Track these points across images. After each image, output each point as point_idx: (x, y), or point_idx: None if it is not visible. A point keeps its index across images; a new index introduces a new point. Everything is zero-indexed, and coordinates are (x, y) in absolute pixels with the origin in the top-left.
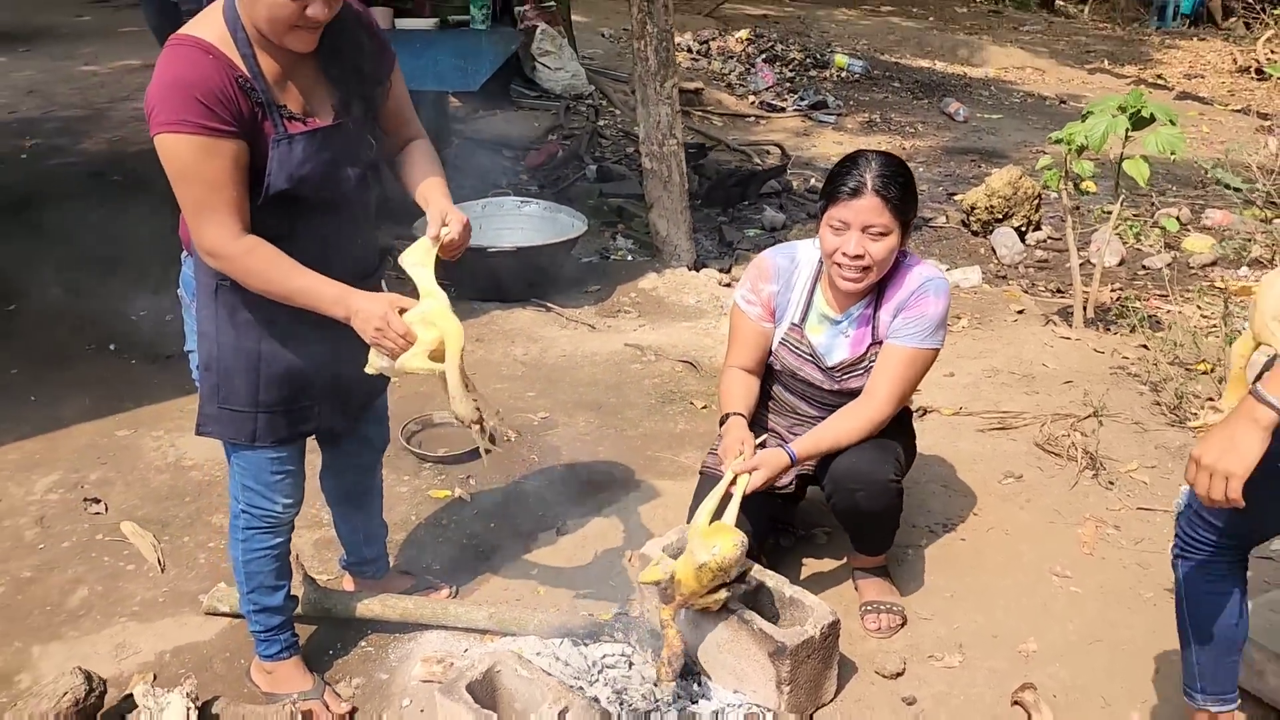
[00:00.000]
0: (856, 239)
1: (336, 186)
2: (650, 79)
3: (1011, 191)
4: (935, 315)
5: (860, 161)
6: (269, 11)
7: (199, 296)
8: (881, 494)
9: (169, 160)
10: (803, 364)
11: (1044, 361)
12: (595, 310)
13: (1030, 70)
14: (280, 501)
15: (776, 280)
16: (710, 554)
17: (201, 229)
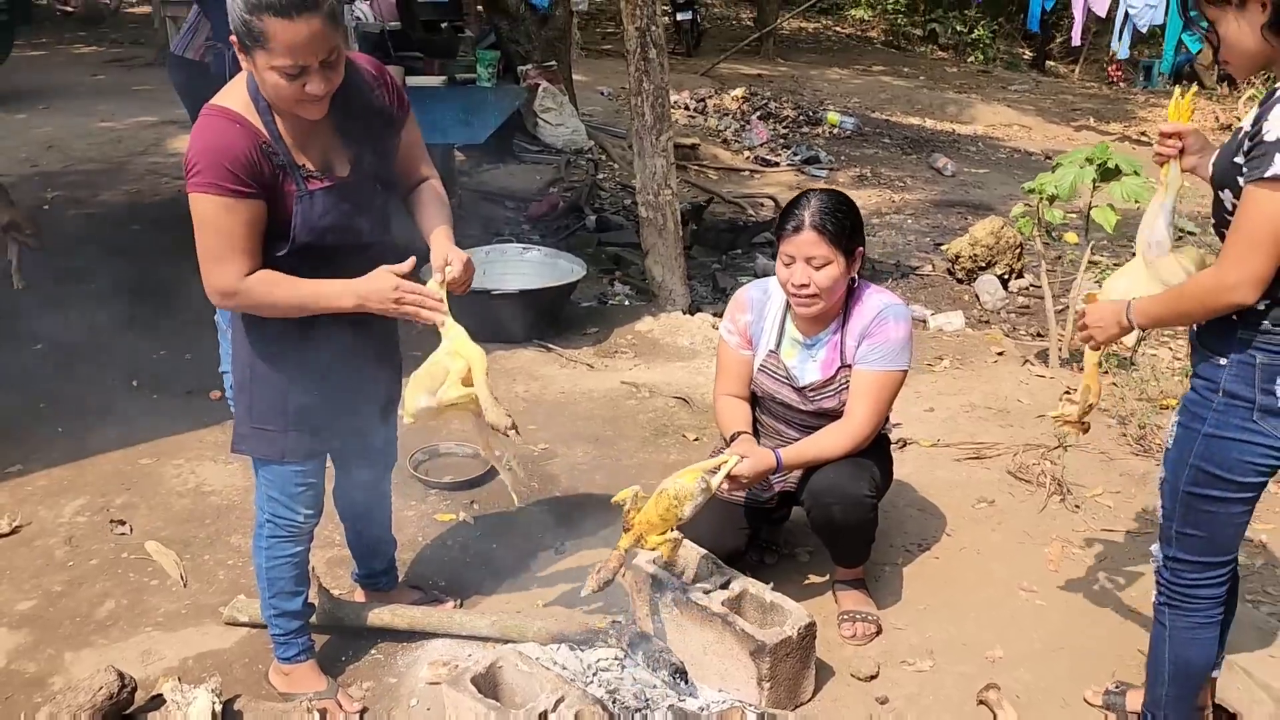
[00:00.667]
0: (801, 270)
1: (355, 234)
2: (646, 133)
3: (994, 241)
4: (898, 339)
5: (803, 201)
6: (274, 92)
7: (234, 324)
8: (855, 508)
9: (196, 213)
10: (779, 387)
11: (1019, 397)
12: (594, 351)
13: (1017, 127)
14: (302, 512)
15: (751, 311)
16: (672, 483)
17: (211, 273)
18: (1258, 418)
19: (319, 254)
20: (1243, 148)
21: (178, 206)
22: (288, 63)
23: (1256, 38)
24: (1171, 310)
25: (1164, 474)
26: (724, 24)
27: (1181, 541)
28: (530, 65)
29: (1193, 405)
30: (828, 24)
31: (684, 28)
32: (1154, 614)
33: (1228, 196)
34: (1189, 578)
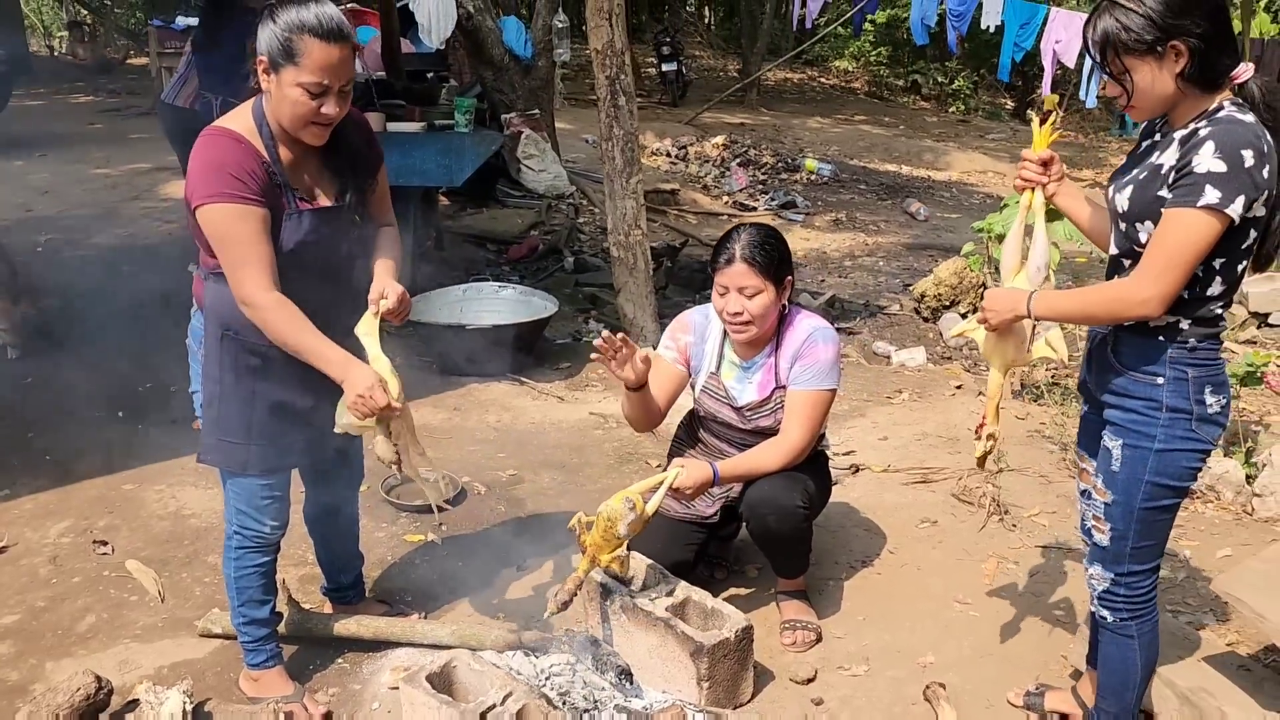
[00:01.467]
0: (735, 299)
1: (334, 256)
2: (617, 175)
3: (957, 280)
4: (827, 359)
5: (734, 235)
6: (293, 109)
7: (207, 344)
8: (789, 517)
9: (210, 227)
10: (720, 406)
11: (969, 426)
12: (565, 384)
13: (991, 174)
14: (268, 524)
15: (692, 333)
16: (605, 505)
17: (241, 282)
18: (1195, 426)
19: (300, 275)
20: (1166, 181)
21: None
22: (315, 80)
23: (1171, 84)
24: (1075, 307)
25: (1110, 498)
26: (710, 75)
27: (1136, 555)
28: (514, 113)
29: (1136, 425)
30: (812, 75)
31: (669, 78)
32: (1112, 632)
33: (1146, 228)
34: (1145, 585)
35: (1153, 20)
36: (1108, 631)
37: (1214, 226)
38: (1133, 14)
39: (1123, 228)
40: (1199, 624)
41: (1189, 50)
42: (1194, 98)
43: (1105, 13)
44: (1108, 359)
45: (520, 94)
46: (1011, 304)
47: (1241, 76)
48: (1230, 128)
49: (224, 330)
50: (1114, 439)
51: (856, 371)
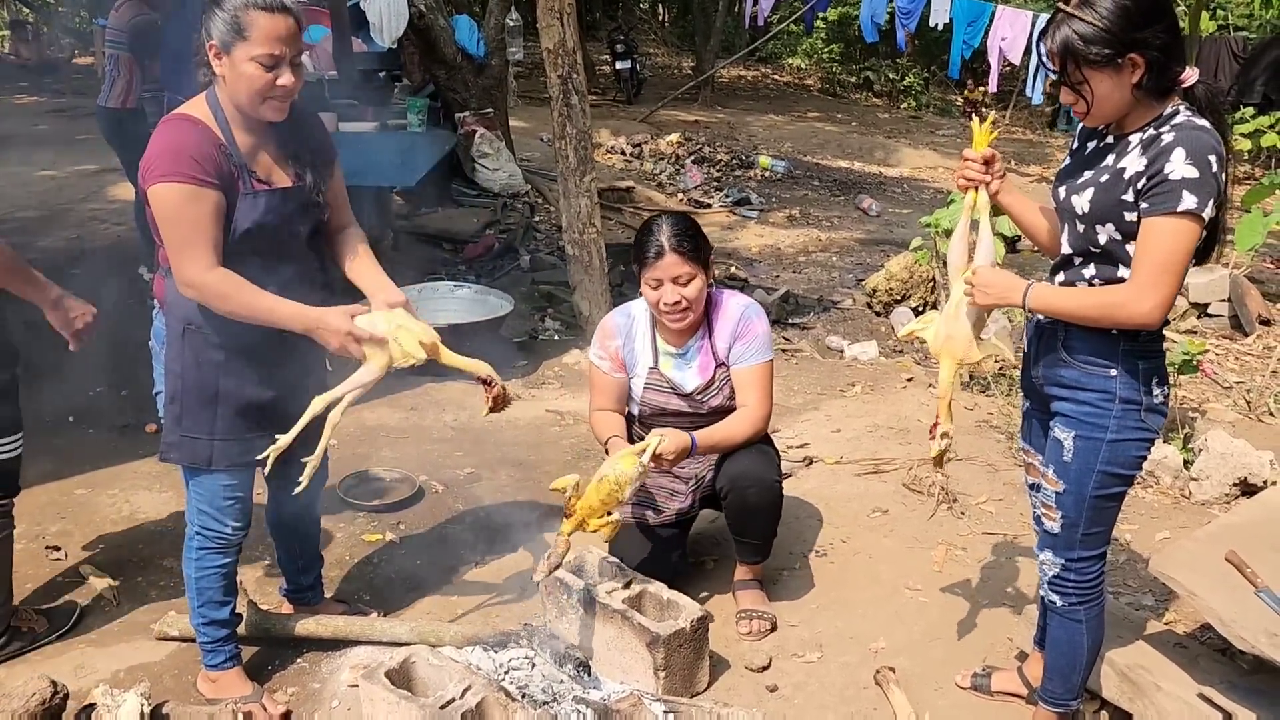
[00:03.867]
0: (671, 290)
1: (291, 238)
2: (571, 174)
3: (908, 275)
4: (764, 332)
5: (654, 228)
6: (249, 85)
7: (169, 339)
8: (768, 491)
9: (161, 205)
10: (667, 398)
11: (919, 417)
12: (522, 383)
13: (941, 169)
14: (230, 524)
15: (619, 336)
16: (611, 468)
17: (183, 263)
18: (1144, 416)
19: (256, 251)
20: (1134, 186)
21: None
22: (267, 51)
23: (1127, 93)
24: (1070, 307)
25: (1062, 488)
26: (664, 72)
27: (1086, 541)
28: (467, 112)
29: (1089, 417)
30: (766, 72)
31: (623, 76)
32: (1061, 616)
33: (1107, 230)
34: (1094, 570)
35: (1113, 34)
36: (1057, 615)
37: (1195, 230)
38: (1092, 27)
39: (1080, 229)
40: (1138, 604)
41: (1146, 62)
42: (1147, 104)
43: (1064, 24)
44: (1057, 353)
45: (474, 93)
46: (1006, 289)
47: (1188, 80)
48: (1195, 134)
49: (185, 325)
50: (1065, 431)
51: (810, 366)
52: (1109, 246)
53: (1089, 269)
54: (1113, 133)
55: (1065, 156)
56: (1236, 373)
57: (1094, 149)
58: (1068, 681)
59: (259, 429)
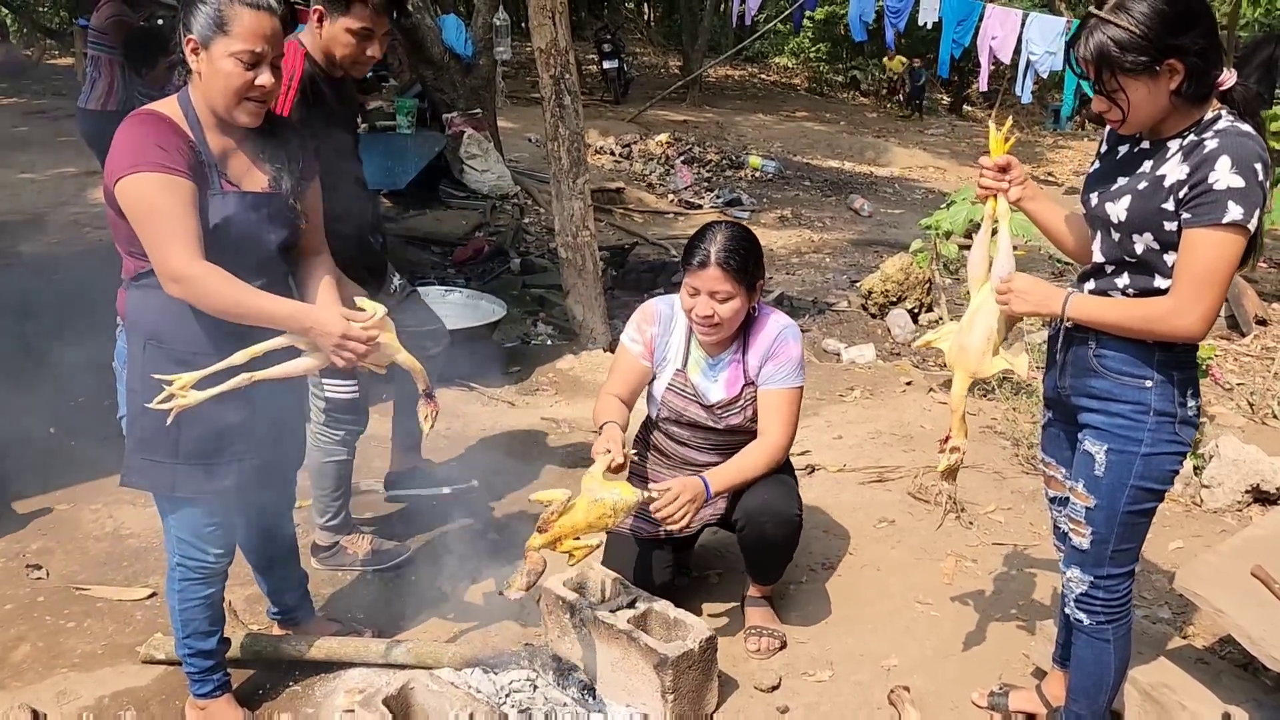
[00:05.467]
0: (705, 303)
1: (261, 247)
2: (564, 176)
3: (904, 277)
4: (797, 357)
5: (708, 235)
6: (226, 82)
7: (129, 357)
8: (786, 525)
9: (133, 200)
10: (688, 404)
11: (922, 424)
12: (515, 389)
13: (932, 169)
14: (212, 552)
15: (658, 324)
16: (610, 494)
17: (167, 256)
18: (1178, 428)
19: (223, 256)
20: (1175, 194)
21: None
22: (248, 48)
23: (1166, 101)
24: (1110, 318)
25: (1093, 503)
26: (652, 72)
27: (1116, 558)
28: (455, 113)
29: (1122, 430)
30: (753, 72)
31: (611, 76)
32: (1088, 635)
33: (1144, 239)
34: (1123, 588)
35: (1149, 40)
36: (1083, 634)
37: (1240, 242)
38: (1128, 33)
39: (1115, 237)
40: (1155, 618)
41: (1185, 68)
42: (1184, 110)
43: (1097, 30)
44: (1089, 364)
45: (461, 93)
46: (1045, 297)
47: (1226, 84)
48: (1240, 140)
49: (146, 340)
50: (1097, 444)
51: (808, 370)
52: (1146, 256)
53: (1122, 278)
54: (1148, 137)
55: (1094, 160)
56: (1237, 374)
57: (1127, 154)
58: (1094, 703)
59: (228, 452)
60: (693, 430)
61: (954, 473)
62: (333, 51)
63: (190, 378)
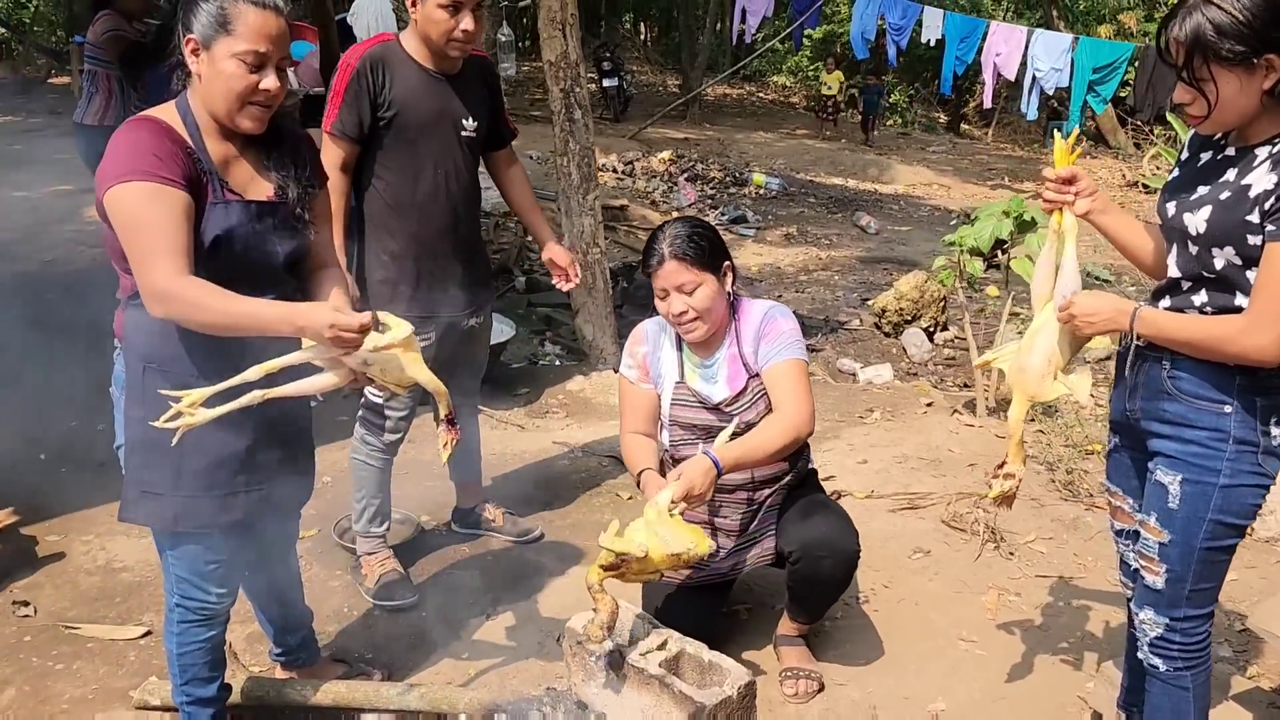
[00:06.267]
0: (676, 299)
1: (266, 259)
2: (574, 192)
3: (919, 295)
4: (790, 329)
5: (659, 235)
6: (228, 85)
7: (128, 382)
8: (846, 562)
9: (120, 211)
10: (696, 413)
11: (950, 447)
12: (524, 412)
13: (936, 186)
14: (214, 592)
15: (647, 342)
16: (685, 544)
17: (150, 272)
18: (1261, 459)
19: (225, 269)
20: (1261, 206)
21: (96, 275)
22: (252, 48)
23: (1255, 99)
24: (1181, 335)
25: (1166, 538)
26: (650, 90)
27: (1194, 598)
28: None
29: (1198, 459)
30: (751, 90)
31: (610, 94)
32: (1164, 682)
33: (1225, 254)
34: (1202, 630)
35: (1252, 29)
36: (1159, 681)
37: None
38: (1230, 18)
39: (1193, 251)
40: (1216, 656)
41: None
42: (1275, 113)
43: (1196, 10)
44: (1162, 386)
45: None
46: (1115, 313)
47: None
48: None
49: (145, 364)
50: (1170, 473)
51: (824, 390)
52: (1226, 272)
53: (1200, 295)
54: (1234, 144)
55: (1173, 168)
56: None
57: (1210, 161)
58: None
59: (233, 484)
60: (708, 437)
61: (1009, 500)
62: (430, 35)
63: (199, 394)
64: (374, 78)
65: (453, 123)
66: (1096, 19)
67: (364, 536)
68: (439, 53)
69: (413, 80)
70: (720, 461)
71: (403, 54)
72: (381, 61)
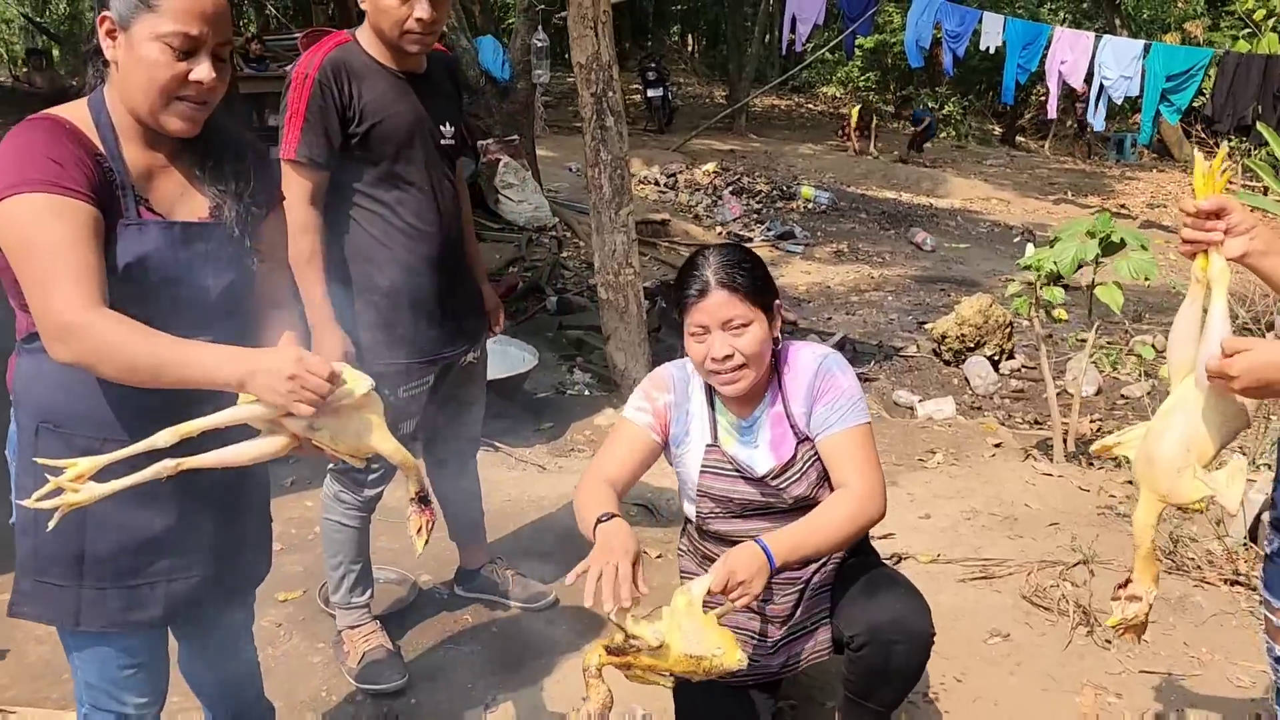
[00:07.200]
0: (720, 339)
1: (193, 294)
2: (605, 206)
3: (982, 320)
4: (850, 388)
5: (699, 261)
6: (150, 75)
7: (19, 445)
8: (921, 650)
9: (9, 230)
10: (734, 484)
11: (1026, 501)
12: (547, 449)
13: (995, 200)
14: (132, 702)
15: (672, 390)
16: (711, 650)
17: (49, 302)
18: None
19: (137, 303)
20: None
21: None
22: (181, 29)
23: None
24: None
25: None
26: (696, 102)
27: None
28: (491, 139)
29: None
30: (799, 101)
31: (655, 104)
32: None
33: None
34: None
35: None
36: None
37: None
38: None
39: None
40: None
41: None
42: None
43: None
44: None
45: (498, 119)
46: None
47: None
48: None
49: (39, 422)
50: None
51: (880, 427)
52: None
53: None
54: None
55: None
56: None
57: None
58: None
59: (151, 571)
60: (748, 516)
61: (1138, 630)
62: (380, 27)
63: (90, 464)
64: (338, 87)
65: (430, 131)
66: (1162, 27)
67: (344, 608)
68: (395, 48)
69: (380, 85)
70: (775, 554)
71: (363, 55)
72: (344, 67)
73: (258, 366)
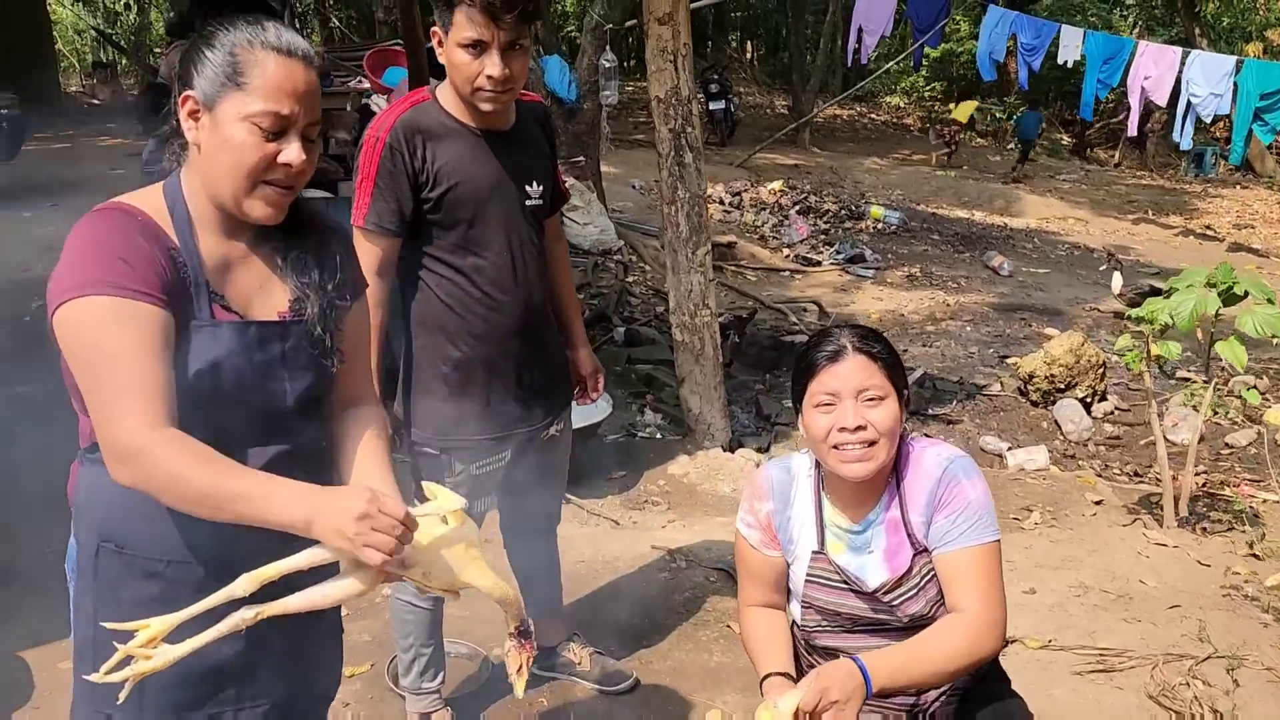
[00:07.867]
0: (853, 409)
1: (267, 401)
2: (682, 245)
3: (1074, 360)
4: (981, 500)
5: (833, 331)
6: (237, 158)
7: (79, 564)
8: None
9: (73, 336)
10: (842, 597)
11: (1141, 577)
12: (620, 501)
13: (1072, 220)
14: None
15: (772, 497)
16: None
17: (112, 423)
18: None
19: (209, 416)
20: None
21: None
22: (272, 109)
23: None
24: None
25: None
26: (757, 112)
27: None
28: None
29: None
30: (862, 111)
31: (717, 117)
32: None
33: None
34: None
35: None
36: None
37: None
38: None
39: None
40: None
41: None
42: None
43: None
44: None
45: (564, 140)
46: None
47: None
48: None
49: (100, 542)
50: None
51: None
52: None
53: None
54: None
55: None
56: None
57: None
58: None
59: (216, 702)
60: (856, 632)
61: None
62: (456, 84)
63: (161, 626)
64: (410, 151)
65: (514, 191)
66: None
67: (415, 694)
68: (472, 106)
69: (457, 146)
70: (873, 677)
71: (441, 114)
72: (416, 129)
73: (317, 512)
